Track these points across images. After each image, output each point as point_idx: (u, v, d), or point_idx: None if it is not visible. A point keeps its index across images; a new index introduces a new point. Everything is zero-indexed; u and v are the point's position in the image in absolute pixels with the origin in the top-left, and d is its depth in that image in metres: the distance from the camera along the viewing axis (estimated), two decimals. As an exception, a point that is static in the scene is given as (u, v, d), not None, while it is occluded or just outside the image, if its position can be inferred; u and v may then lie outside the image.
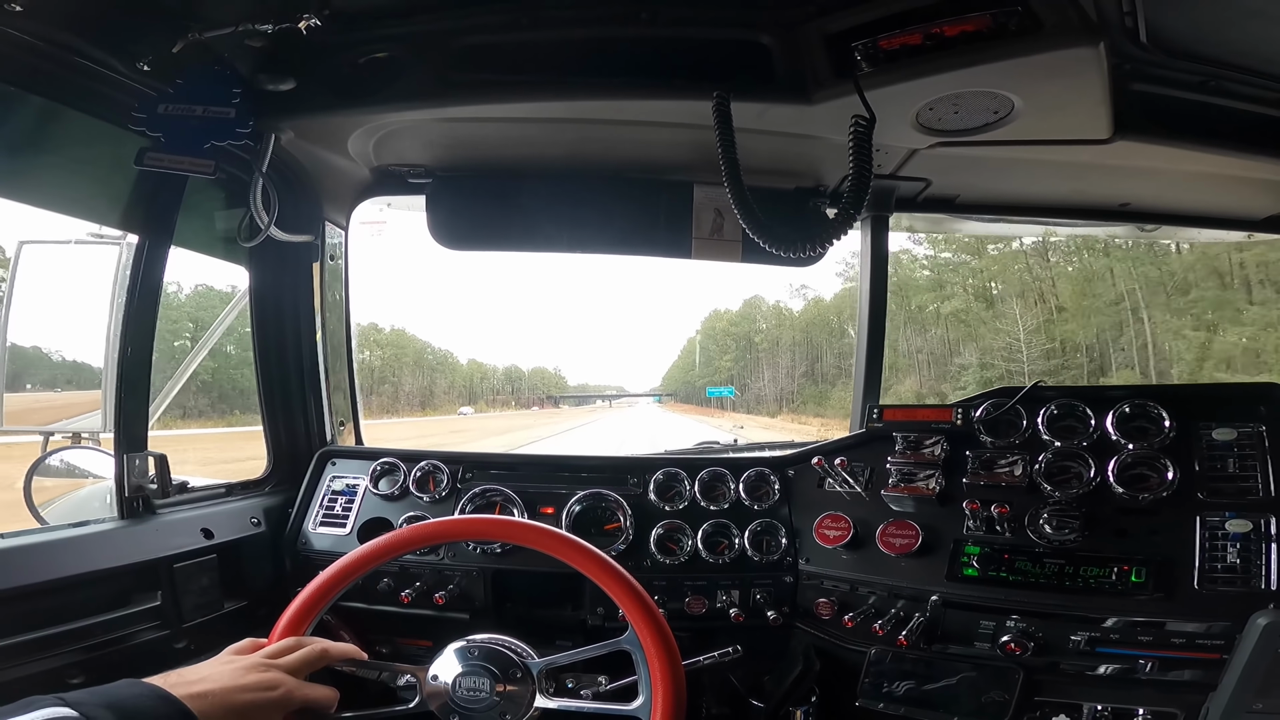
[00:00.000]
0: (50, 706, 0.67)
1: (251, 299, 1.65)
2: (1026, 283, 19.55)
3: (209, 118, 1.19)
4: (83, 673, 1.12)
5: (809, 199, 1.62)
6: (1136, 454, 1.26)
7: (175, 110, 1.19)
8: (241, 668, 0.87)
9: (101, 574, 1.18)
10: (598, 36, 1.21)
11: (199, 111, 1.19)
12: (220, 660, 0.90)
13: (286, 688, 0.88)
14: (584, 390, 28.20)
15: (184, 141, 1.19)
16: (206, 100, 1.19)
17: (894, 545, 1.34)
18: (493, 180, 1.59)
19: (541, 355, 65.27)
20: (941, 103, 1.17)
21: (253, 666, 0.88)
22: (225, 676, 0.84)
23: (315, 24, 1.07)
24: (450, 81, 1.25)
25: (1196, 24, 1.09)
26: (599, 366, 60.40)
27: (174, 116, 1.19)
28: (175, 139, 1.19)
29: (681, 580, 1.42)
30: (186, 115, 1.19)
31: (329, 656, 0.98)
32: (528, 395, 27.48)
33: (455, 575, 1.44)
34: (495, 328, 55.24)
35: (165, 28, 1.10)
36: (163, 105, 1.19)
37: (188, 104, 1.19)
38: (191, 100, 1.19)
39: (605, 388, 30.14)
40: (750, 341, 25.08)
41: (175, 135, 1.19)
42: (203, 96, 1.19)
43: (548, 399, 26.92)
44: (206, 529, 1.39)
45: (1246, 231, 1.76)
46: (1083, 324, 18.21)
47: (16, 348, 1.59)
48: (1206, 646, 1.10)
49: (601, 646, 1.06)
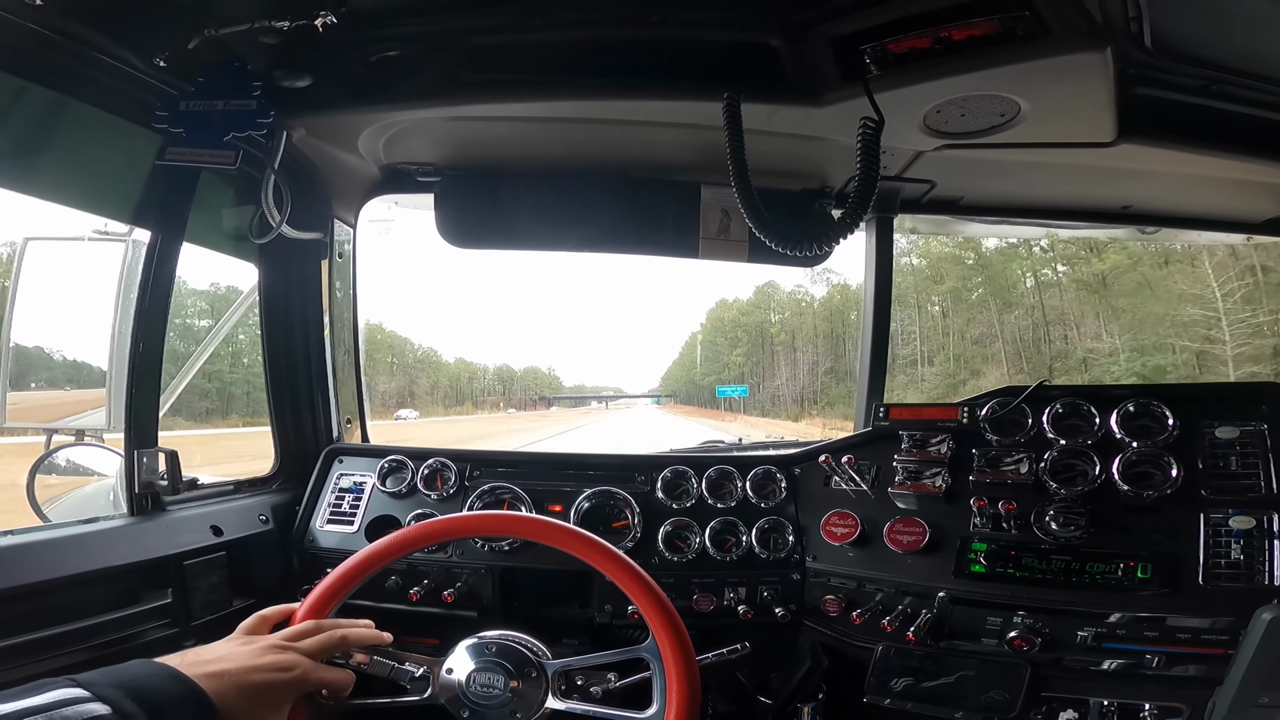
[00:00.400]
0: (62, 688, 0.67)
1: (261, 296, 1.65)
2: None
3: (230, 111, 1.20)
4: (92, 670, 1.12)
5: (815, 200, 1.63)
6: (1141, 452, 1.27)
7: (197, 107, 1.20)
8: (259, 648, 0.86)
9: (112, 571, 1.18)
10: (608, 38, 1.22)
11: (220, 106, 1.20)
12: (235, 640, 0.90)
13: (303, 669, 0.87)
14: (580, 391, 27.40)
15: (205, 135, 1.20)
16: (227, 95, 1.20)
17: (901, 542, 1.35)
18: (501, 179, 1.60)
19: (535, 355, 63.99)
20: (949, 105, 1.19)
21: (269, 647, 0.87)
22: (241, 656, 0.83)
23: (331, 21, 1.08)
24: (461, 81, 1.26)
25: (1201, 29, 1.11)
26: (596, 367, 59.61)
27: (195, 113, 1.20)
28: (196, 133, 1.20)
29: (689, 578, 1.43)
30: (208, 110, 1.20)
31: (348, 642, 0.97)
32: (520, 396, 26.49)
33: (464, 573, 1.45)
34: (487, 326, 54.30)
35: (182, 24, 1.11)
36: (184, 103, 1.20)
37: (209, 100, 1.20)
38: (213, 96, 1.20)
39: (602, 389, 28.94)
40: (764, 333, 21.94)
41: (197, 130, 1.20)
42: (224, 92, 1.21)
43: (539, 400, 26.14)
44: (216, 526, 1.39)
45: (1246, 234, 1.78)
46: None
47: (20, 346, 1.58)
48: (1212, 642, 1.11)
49: (621, 653, 1.05)
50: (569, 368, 63.27)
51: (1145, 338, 13.21)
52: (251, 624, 0.96)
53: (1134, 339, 13.52)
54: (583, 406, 24.62)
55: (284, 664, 0.86)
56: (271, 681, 0.83)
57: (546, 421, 22.96)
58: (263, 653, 0.86)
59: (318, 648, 0.92)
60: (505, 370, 27.56)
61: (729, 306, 22.32)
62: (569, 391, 27.12)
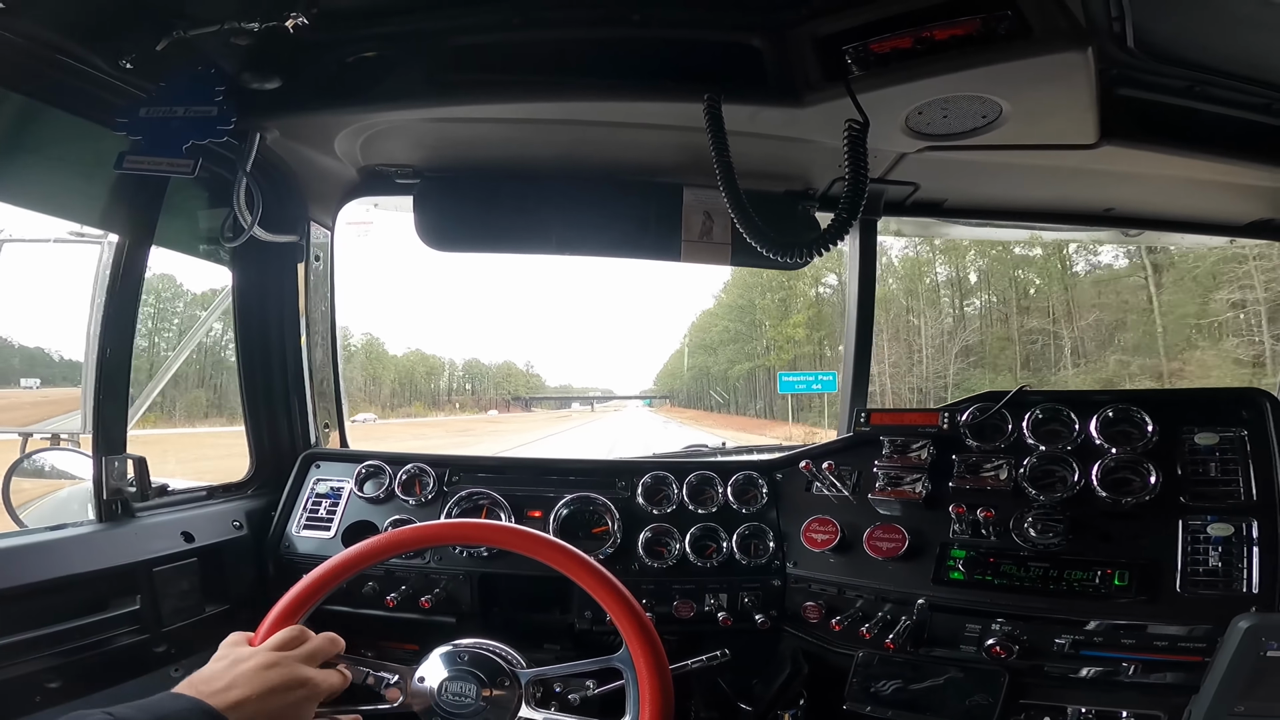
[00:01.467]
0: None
1: (235, 300, 1.62)
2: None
3: (190, 117, 1.17)
4: (60, 677, 1.10)
5: (798, 202, 1.62)
6: (1120, 458, 1.27)
7: (157, 113, 1.17)
8: (260, 666, 0.85)
9: (79, 578, 1.16)
10: (589, 38, 1.21)
11: (181, 113, 1.17)
12: (231, 660, 0.88)
13: (311, 681, 0.87)
14: (566, 392, 25.89)
15: (164, 142, 1.17)
16: (189, 100, 1.18)
17: (881, 549, 1.34)
18: (481, 181, 1.58)
19: (511, 350, 60.90)
20: (931, 106, 1.17)
21: (269, 664, 0.86)
22: (253, 680, 0.83)
23: (303, 22, 1.06)
24: (440, 82, 1.23)
25: (1184, 29, 1.10)
26: (584, 365, 57.74)
27: (155, 119, 1.17)
28: (155, 141, 1.17)
29: (669, 584, 1.42)
30: (168, 117, 1.17)
31: (336, 645, 0.96)
32: (492, 396, 23.88)
33: (442, 579, 1.43)
34: (452, 315, 51.17)
35: (149, 26, 1.08)
36: (145, 108, 1.17)
37: (170, 105, 1.18)
38: (174, 102, 1.18)
39: (589, 390, 27.22)
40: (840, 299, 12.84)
41: (155, 137, 1.17)
42: (185, 97, 1.18)
43: (514, 401, 24.33)
44: (187, 532, 1.37)
45: (1229, 237, 1.78)
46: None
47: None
48: (1189, 649, 1.11)
49: (593, 663, 1.05)
50: (551, 365, 60.80)
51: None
52: (235, 640, 0.94)
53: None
54: (566, 409, 22.43)
55: (293, 681, 0.85)
56: (291, 702, 0.84)
57: (512, 426, 19.99)
58: (266, 670, 0.85)
59: (311, 654, 0.91)
60: (474, 365, 24.91)
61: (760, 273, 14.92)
62: (552, 392, 25.34)
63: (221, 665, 0.86)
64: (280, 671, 0.85)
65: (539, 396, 24.75)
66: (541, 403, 24.26)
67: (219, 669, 0.86)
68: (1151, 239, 1.84)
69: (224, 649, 0.91)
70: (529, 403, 24.02)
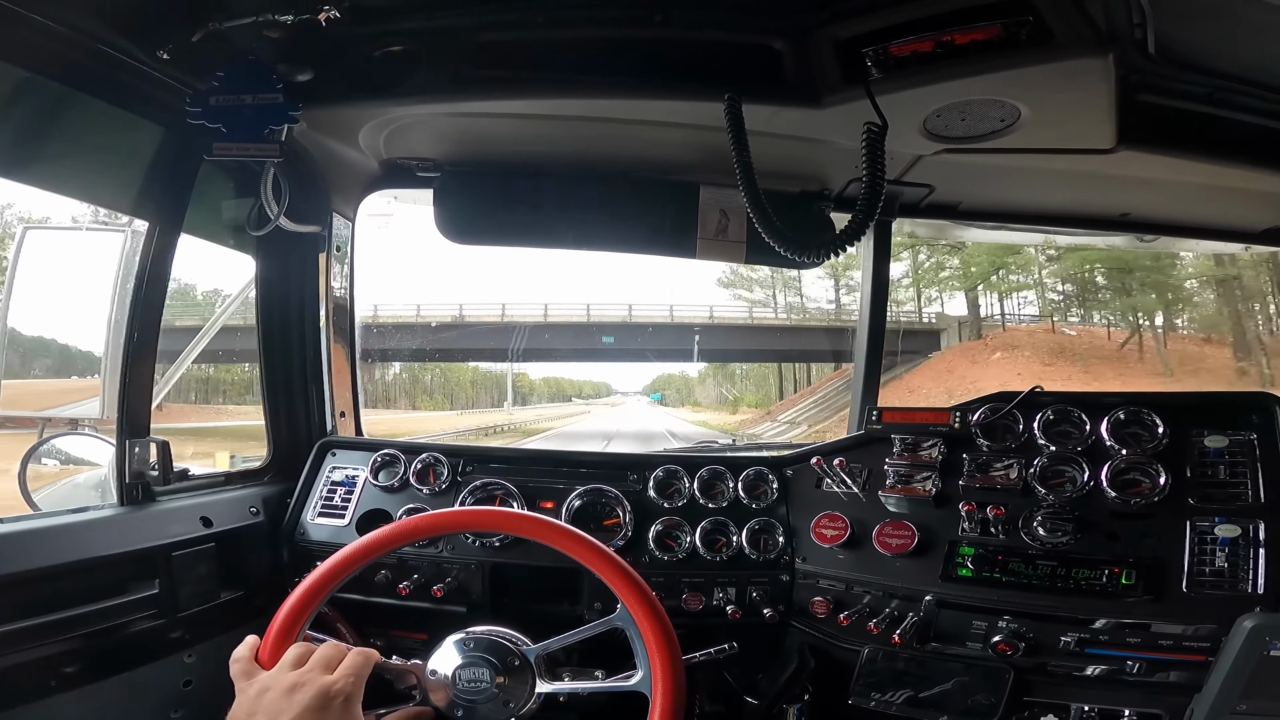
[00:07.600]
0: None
1: (258, 288, 1.64)
2: None
3: (259, 105, 1.21)
4: (77, 660, 1.12)
5: (814, 203, 1.63)
6: (1129, 459, 1.28)
7: (226, 101, 1.21)
8: (286, 690, 0.86)
9: (99, 561, 1.17)
10: (611, 37, 1.22)
11: (249, 100, 1.21)
12: (256, 691, 0.87)
13: (336, 688, 0.88)
14: (555, 387, 25.62)
15: (244, 128, 1.22)
16: (253, 88, 1.21)
17: (890, 545, 1.36)
18: (501, 176, 1.60)
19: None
20: (949, 110, 1.19)
21: (294, 686, 0.86)
22: (287, 708, 0.84)
23: (335, 15, 1.08)
24: (464, 77, 1.25)
25: (1205, 37, 1.11)
26: (587, 368, 55.93)
27: (227, 107, 1.21)
28: (235, 127, 1.21)
29: (679, 577, 1.43)
30: (238, 105, 1.21)
31: (372, 660, 0.97)
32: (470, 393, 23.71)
33: (454, 568, 1.45)
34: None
35: (185, 16, 1.11)
36: (214, 97, 1.21)
37: (236, 94, 1.21)
38: (239, 90, 1.21)
39: (582, 385, 26.84)
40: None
41: (234, 123, 1.21)
42: (247, 85, 1.21)
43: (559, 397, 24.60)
44: (205, 517, 1.38)
45: (1244, 244, 1.78)
46: None
47: (16, 333, 1.58)
48: (1193, 649, 1.12)
49: (594, 626, 1.07)
50: (557, 368, 59.35)
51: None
52: (244, 654, 0.95)
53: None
54: (573, 406, 21.93)
55: (324, 694, 0.86)
56: (334, 714, 0.86)
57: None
58: (292, 694, 0.86)
59: (330, 661, 0.92)
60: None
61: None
62: (539, 387, 24.82)
63: (248, 698, 0.87)
64: (308, 691, 0.86)
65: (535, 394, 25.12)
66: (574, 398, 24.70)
67: (248, 704, 0.86)
68: (1166, 244, 1.84)
69: (240, 681, 0.91)
70: (569, 398, 24.63)
